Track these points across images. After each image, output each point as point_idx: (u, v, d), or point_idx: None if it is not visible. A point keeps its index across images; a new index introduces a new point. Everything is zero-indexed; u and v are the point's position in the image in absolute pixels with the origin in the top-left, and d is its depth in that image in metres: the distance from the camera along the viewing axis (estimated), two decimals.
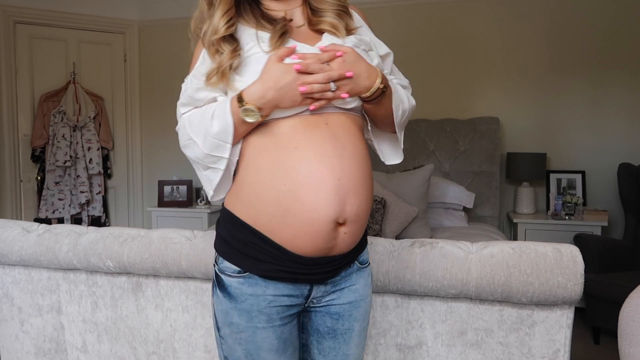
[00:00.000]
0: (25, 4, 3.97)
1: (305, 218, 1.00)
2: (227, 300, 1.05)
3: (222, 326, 1.07)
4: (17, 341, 1.75)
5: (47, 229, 1.69)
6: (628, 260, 3.12)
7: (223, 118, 1.02)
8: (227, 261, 1.06)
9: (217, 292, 1.08)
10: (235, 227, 1.06)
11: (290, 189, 0.99)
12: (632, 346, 1.16)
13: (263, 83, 0.99)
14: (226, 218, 1.08)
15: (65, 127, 4.07)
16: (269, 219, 1.02)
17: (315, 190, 0.99)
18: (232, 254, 1.06)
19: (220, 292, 1.07)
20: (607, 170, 3.58)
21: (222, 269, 1.07)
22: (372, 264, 1.34)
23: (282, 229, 1.01)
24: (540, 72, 3.70)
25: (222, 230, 1.09)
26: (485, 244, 1.35)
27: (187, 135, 1.08)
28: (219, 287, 1.07)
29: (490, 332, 1.31)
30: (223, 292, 1.06)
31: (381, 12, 3.93)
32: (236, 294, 1.04)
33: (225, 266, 1.06)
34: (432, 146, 3.75)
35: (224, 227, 1.09)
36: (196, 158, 1.08)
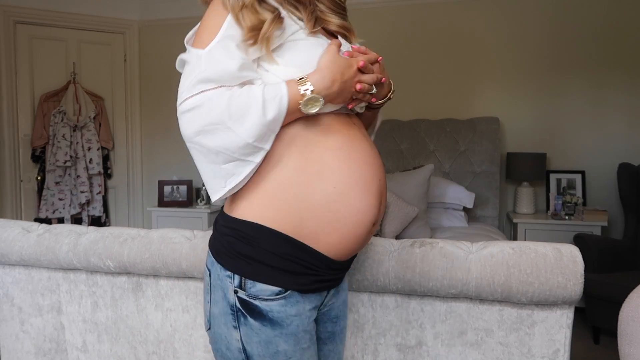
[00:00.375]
0: (25, 4, 3.97)
1: (354, 222, 0.94)
2: (269, 328, 0.91)
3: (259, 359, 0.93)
4: (17, 341, 1.75)
5: (47, 229, 1.69)
6: (628, 260, 3.12)
7: (279, 103, 0.88)
8: (261, 283, 0.91)
9: (249, 322, 0.91)
10: (267, 240, 0.91)
11: (341, 191, 0.92)
12: (632, 346, 1.16)
13: (331, 73, 0.91)
14: (249, 230, 0.92)
15: (66, 127, 4.07)
16: (314, 226, 0.92)
17: (363, 192, 0.94)
18: (267, 274, 0.91)
19: (256, 320, 0.91)
20: (607, 170, 3.58)
21: (253, 294, 0.91)
22: (372, 264, 1.35)
23: (327, 236, 0.93)
24: (541, 72, 3.70)
25: (244, 247, 0.91)
26: (485, 244, 1.35)
27: (213, 118, 0.87)
28: (251, 317, 0.91)
29: (490, 332, 1.31)
30: (260, 320, 0.91)
31: (381, 12, 3.93)
32: (280, 318, 0.91)
33: (259, 290, 0.91)
34: (432, 146, 3.75)
35: (246, 242, 0.91)
36: (225, 147, 0.88)
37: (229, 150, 0.88)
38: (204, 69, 0.89)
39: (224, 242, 0.95)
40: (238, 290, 0.92)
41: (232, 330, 0.93)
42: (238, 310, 0.92)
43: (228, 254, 0.93)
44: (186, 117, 0.89)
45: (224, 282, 0.93)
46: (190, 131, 0.89)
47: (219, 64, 0.89)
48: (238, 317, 0.92)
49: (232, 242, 0.93)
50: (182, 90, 0.91)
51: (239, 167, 0.90)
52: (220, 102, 0.87)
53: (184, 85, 0.91)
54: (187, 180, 4.27)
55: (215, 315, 0.96)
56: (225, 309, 0.93)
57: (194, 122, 0.88)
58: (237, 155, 0.89)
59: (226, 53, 0.89)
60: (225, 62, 0.89)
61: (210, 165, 0.91)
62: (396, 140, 3.83)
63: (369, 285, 1.35)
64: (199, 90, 0.88)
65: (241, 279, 0.92)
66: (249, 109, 0.87)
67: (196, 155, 0.92)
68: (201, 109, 0.87)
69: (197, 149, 0.90)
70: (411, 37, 3.94)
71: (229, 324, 0.93)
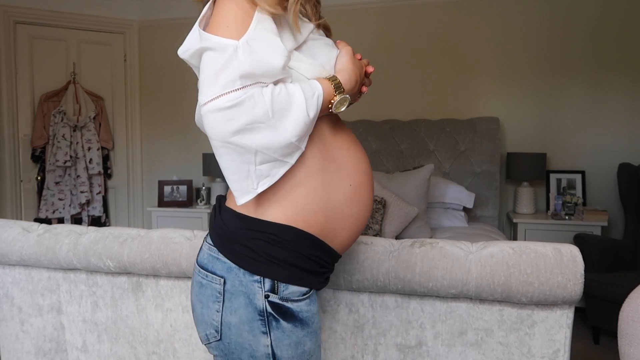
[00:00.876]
0: (25, 4, 3.97)
1: (364, 216, 0.99)
2: (300, 328, 0.92)
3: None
4: (17, 341, 1.75)
5: (47, 229, 1.69)
6: (628, 260, 3.12)
7: (316, 101, 0.87)
8: (293, 285, 0.91)
9: (281, 325, 0.90)
10: (300, 243, 0.91)
11: (355, 188, 0.96)
12: (632, 346, 1.16)
13: (353, 72, 0.95)
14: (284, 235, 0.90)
15: (66, 127, 4.07)
16: (334, 224, 0.94)
17: (370, 187, 1.00)
18: (298, 275, 0.91)
19: (289, 322, 0.91)
20: (607, 170, 3.58)
21: (286, 297, 0.90)
22: (372, 264, 1.35)
23: (344, 232, 0.96)
24: (541, 72, 3.70)
25: (278, 251, 0.90)
26: (485, 244, 1.35)
27: (257, 116, 0.81)
28: (284, 319, 0.90)
29: (490, 332, 1.31)
30: (293, 321, 0.91)
31: (382, 12, 3.94)
32: (307, 317, 0.93)
33: (290, 292, 0.91)
34: (432, 146, 3.75)
35: (281, 246, 0.90)
36: (266, 147, 0.83)
37: (270, 149, 0.84)
38: (243, 61, 0.80)
39: (252, 247, 0.90)
40: (270, 294, 0.90)
41: (260, 337, 0.90)
42: (269, 315, 0.90)
43: (258, 258, 0.90)
44: (223, 114, 0.79)
45: (250, 287, 0.90)
46: (227, 130, 0.80)
47: (262, 58, 0.82)
48: (269, 322, 0.90)
49: (264, 246, 0.90)
50: (214, 84, 0.80)
51: (275, 168, 0.87)
52: (263, 99, 0.81)
53: (219, 78, 0.80)
54: (187, 180, 4.27)
55: (232, 324, 0.91)
56: (252, 316, 0.90)
57: (235, 120, 0.80)
58: (276, 156, 0.85)
59: (269, 46, 0.83)
60: (270, 57, 0.82)
61: (244, 165, 0.85)
62: (396, 140, 3.83)
63: (369, 285, 1.35)
64: (241, 85, 0.80)
65: (273, 282, 0.90)
66: (291, 107, 0.83)
67: (229, 155, 0.84)
68: (244, 105, 0.80)
69: (232, 148, 0.82)
70: (411, 37, 3.94)
71: (256, 330, 0.90)
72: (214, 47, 0.81)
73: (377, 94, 4.06)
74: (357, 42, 3.97)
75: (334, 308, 1.42)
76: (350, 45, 1.04)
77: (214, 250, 0.94)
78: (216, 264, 0.93)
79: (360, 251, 1.37)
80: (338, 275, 1.37)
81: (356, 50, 1.03)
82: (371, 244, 1.40)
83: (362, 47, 4.09)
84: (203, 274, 0.95)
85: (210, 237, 0.98)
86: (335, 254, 0.98)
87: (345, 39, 1.07)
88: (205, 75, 0.82)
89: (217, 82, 0.80)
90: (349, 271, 1.36)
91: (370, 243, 1.40)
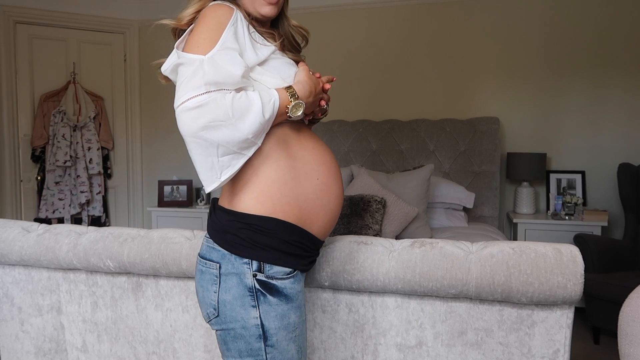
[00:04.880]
0: (25, 4, 3.97)
1: (336, 204, 1.19)
2: (284, 302, 1.09)
3: (274, 333, 1.08)
4: (17, 341, 1.75)
5: (47, 229, 1.69)
6: (628, 260, 3.12)
7: (272, 105, 1.05)
8: (277, 266, 1.08)
9: (268, 299, 1.08)
10: (281, 230, 1.09)
11: (323, 182, 1.16)
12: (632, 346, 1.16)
13: (307, 84, 1.13)
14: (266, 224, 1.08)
15: (65, 127, 4.07)
16: (309, 213, 1.13)
17: (337, 180, 1.20)
18: (281, 258, 1.09)
19: (275, 297, 1.08)
20: (607, 170, 3.58)
21: (272, 275, 1.08)
22: (372, 264, 1.35)
23: (318, 220, 1.15)
24: (540, 72, 3.70)
25: (262, 238, 1.08)
26: (485, 244, 1.35)
27: (219, 115, 0.98)
28: (270, 295, 1.08)
29: (490, 332, 1.31)
30: (278, 296, 1.08)
31: (382, 13, 3.94)
32: (292, 293, 1.10)
33: (275, 271, 1.08)
34: (432, 146, 3.75)
35: (264, 234, 1.08)
36: (226, 141, 1.00)
37: (230, 144, 1.01)
38: (207, 71, 1.00)
39: (240, 235, 1.08)
40: (257, 273, 1.07)
41: (249, 310, 1.08)
42: (258, 291, 1.07)
43: (246, 244, 1.08)
44: (191, 113, 0.98)
45: (241, 269, 1.08)
46: (194, 126, 0.98)
47: (223, 69, 1.01)
48: (258, 297, 1.07)
49: (250, 234, 1.08)
50: (184, 90, 0.99)
51: (234, 159, 1.04)
52: (224, 102, 0.98)
53: (187, 85, 0.99)
54: (187, 180, 4.27)
55: (227, 302, 1.09)
56: (243, 292, 1.07)
57: (200, 118, 0.97)
58: (235, 149, 1.02)
59: (230, 60, 1.03)
60: (230, 68, 1.02)
61: (208, 158, 1.02)
62: (396, 140, 3.83)
63: (369, 286, 1.35)
64: (205, 90, 0.98)
65: (260, 263, 1.08)
66: (249, 109, 1.01)
67: (196, 149, 1.01)
68: (207, 106, 0.97)
69: (198, 143, 1.00)
70: (411, 37, 3.94)
71: (247, 304, 1.08)
72: (185, 62, 1.03)
73: (377, 94, 4.06)
74: (357, 42, 3.99)
75: (334, 308, 1.42)
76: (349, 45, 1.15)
77: (210, 241, 1.13)
78: (212, 252, 1.12)
79: (360, 251, 1.37)
80: (338, 275, 1.37)
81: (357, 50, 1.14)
82: (371, 244, 1.40)
83: (362, 46, 4.10)
84: (203, 263, 1.13)
85: (207, 231, 1.18)
86: (315, 238, 1.16)
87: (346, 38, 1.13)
88: (178, 84, 1.02)
89: (187, 88, 0.99)
90: (349, 271, 1.36)
91: (370, 243, 1.40)
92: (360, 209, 2.84)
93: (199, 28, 1.08)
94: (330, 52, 3.94)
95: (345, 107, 4.01)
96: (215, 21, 1.07)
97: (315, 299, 1.44)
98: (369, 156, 3.88)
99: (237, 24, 1.10)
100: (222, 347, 1.13)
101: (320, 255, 1.39)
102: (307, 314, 1.45)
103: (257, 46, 1.13)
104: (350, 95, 4.03)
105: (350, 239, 1.43)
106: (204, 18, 1.09)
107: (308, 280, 1.40)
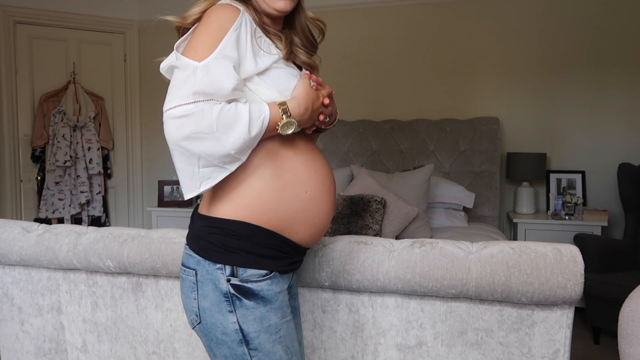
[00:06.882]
0: (25, 4, 3.97)
1: (322, 219, 1.15)
2: (262, 305, 1.07)
3: (255, 336, 1.06)
4: (17, 341, 1.75)
5: (47, 229, 1.69)
6: (628, 260, 3.12)
7: (261, 122, 1.01)
8: (250, 269, 1.06)
9: (244, 303, 1.05)
10: (253, 234, 1.07)
11: (312, 196, 1.12)
12: (632, 346, 1.16)
13: (304, 100, 1.09)
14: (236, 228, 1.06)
15: (65, 127, 4.07)
16: (290, 223, 1.10)
17: (328, 195, 1.16)
18: (255, 260, 1.07)
19: (250, 301, 1.06)
20: (607, 170, 3.58)
21: (246, 279, 1.06)
22: (372, 264, 1.35)
23: (300, 232, 1.12)
24: (540, 72, 3.70)
25: (233, 242, 1.06)
26: (485, 244, 1.35)
27: (203, 128, 0.95)
28: (246, 298, 1.05)
29: (490, 332, 1.31)
30: (254, 299, 1.06)
31: (382, 12, 3.94)
32: (269, 295, 1.08)
33: (249, 274, 1.06)
34: (432, 146, 3.75)
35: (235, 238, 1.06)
36: (207, 154, 0.98)
37: (211, 157, 0.98)
38: (199, 80, 0.97)
39: (212, 240, 1.07)
40: (231, 278, 1.06)
41: (227, 315, 1.06)
42: (233, 296, 1.06)
43: (218, 249, 1.06)
44: (176, 122, 0.96)
45: (214, 274, 1.06)
46: (178, 135, 0.96)
47: (215, 80, 0.97)
48: (233, 302, 1.06)
49: (222, 239, 1.06)
50: (174, 96, 0.97)
51: (215, 172, 1.02)
52: (211, 114, 0.95)
53: (177, 92, 0.97)
54: None
55: (206, 308, 1.07)
56: (219, 298, 1.06)
57: (184, 128, 0.95)
58: (216, 162, 1.00)
59: (224, 71, 0.99)
60: (222, 79, 0.98)
61: (189, 167, 1.01)
62: (396, 140, 3.83)
63: (369, 286, 1.36)
64: (193, 100, 0.96)
65: (233, 268, 1.06)
66: (235, 124, 0.98)
67: (178, 156, 1.00)
68: (193, 117, 0.95)
69: (180, 151, 0.99)
70: (411, 37, 3.94)
71: (224, 310, 1.06)
72: (180, 65, 1.00)
73: (377, 94, 4.06)
74: (357, 42, 3.99)
75: (334, 308, 1.42)
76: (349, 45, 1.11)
77: (187, 248, 1.13)
78: (189, 259, 1.11)
79: (360, 251, 1.37)
80: (338, 275, 1.37)
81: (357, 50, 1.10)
82: (371, 244, 1.40)
83: (362, 46, 4.10)
84: (183, 270, 1.13)
85: (186, 238, 1.16)
86: (295, 244, 1.13)
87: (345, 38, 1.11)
88: (170, 87, 0.99)
89: (176, 94, 0.96)
90: (349, 271, 1.36)
91: (370, 243, 1.40)
92: (360, 209, 2.84)
93: (200, 30, 1.04)
94: (330, 52, 3.94)
95: (345, 107, 4.00)
96: (217, 25, 1.03)
97: (315, 299, 1.44)
98: (369, 156, 3.88)
99: (240, 28, 1.05)
100: (209, 353, 1.12)
101: (320, 255, 1.39)
102: (307, 314, 1.45)
103: (259, 54, 1.08)
104: (350, 95, 4.03)
105: (350, 239, 1.43)
106: (207, 20, 1.06)
107: (308, 280, 1.40)
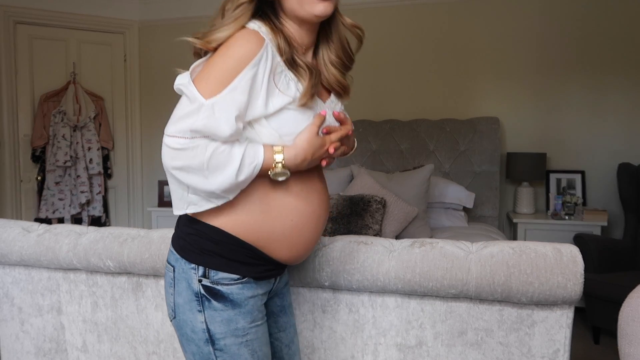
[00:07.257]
0: (25, 4, 3.97)
1: (305, 246, 1.16)
2: (230, 308, 1.09)
3: (221, 337, 1.09)
4: (17, 341, 1.75)
5: (47, 229, 1.69)
6: (628, 260, 3.12)
7: (252, 169, 1.03)
8: (222, 272, 1.09)
9: (213, 305, 1.08)
10: (229, 241, 1.09)
11: (297, 225, 1.12)
12: (632, 346, 1.16)
13: (303, 152, 1.07)
14: (213, 234, 1.09)
15: (66, 127, 4.07)
16: (270, 245, 1.11)
17: (316, 225, 1.16)
18: (228, 264, 1.09)
19: (219, 302, 1.08)
20: (607, 170, 3.58)
21: (217, 281, 1.09)
22: (372, 264, 1.35)
23: (279, 253, 1.13)
24: (541, 72, 3.70)
25: (208, 244, 1.09)
26: (485, 244, 1.35)
27: (194, 164, 0.99)
28: (215, 300, 1.08)
29: (490, 332, 1.31)
30: (223, 302, 1.08)
31: (382, 12, 3.93)
32: (239, 299, 1.10)
33: (220, 277, 1.09)
34: (432, 146, 3.75)
35: (211, 241, 1.09)
36: (195, 187, 1.03)
37: (198, 190, 1.03)
38: (200, 119, 0.98)
39: (189, 241, 1.11)
40: (202, 279, 1.09)
41: (196, 314, 1.09)
42: (202, 296, 1.09)
43: (193, 250, 1.10)
44: (171, 152, 1.00)
45: (189, 273, 1.10)
46: (170, 164, 1.01)
47: (215, 123, 0.98)
48: (202, 302, 1.09)
49: (198, 240, 1.10)
50: (174, 125, 1.00)
51: (202, 202, 1.06)
52: (204, 153, 0.99)
53: (178, 123, 0.99)
54: None
55: (179, 305, 1.11)
56: (190, 297, 1.10)
57: (177, 160, 1.00)
58: (203, 195, 1.05)
59: (225, 117, 0.99)
60: (222, 125, 0.99)
61: (179, 190, 1.07)
62: (396, 140, 3.83)
63: (369, 286, 1.36)
64: (190, 136, 0.98)
65: (205, 269, 1.09)
66: (225, 167, 1.00)
67: (170, 178, 1.06)
68: (186, 152, 0.99)
69: (172, 176, 1.04)
70: (411, 37, 3.94)
71: (194, 309, 1.09)
72: (188, 95, 1.01)
73: (377, 94, 4.05)
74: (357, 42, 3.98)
75: (334, 308, 1.42)
76: None
77: (171, 245, 1.17)
78: (171, 256, 1.15)
79: (360, 251, 1.37)
80: (338, 275, 1.37)
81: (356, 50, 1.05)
82: (371, 244, 1.40)
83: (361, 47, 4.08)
84: (165, 265, 1.17)
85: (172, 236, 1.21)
86: (273, 260, 1.14)
87: None
88: (175, 112, 1.02)
89: (177, 125, 0.99)
90: (349, 271, 1.36)
91: (370, 243, 1.40)
92: (360, 209, 2.84)
93: (216, 61, 1.02)
94: None
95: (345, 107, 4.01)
96: (233, 61, 1.00)
97: (315, 299, 1.44)
98: (369, 156, 3.88)
99: (258, 65, 1.01)
100: (182, 348, 1.16)
101: (320, 255, 1.39)
102: (307, 314, 1.45)
103: (273, 93, 1.04)
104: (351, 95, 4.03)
105: (350, 239, 1.43)
106: (226, 51, 1.02)
107: (308, 280, 1.41)
